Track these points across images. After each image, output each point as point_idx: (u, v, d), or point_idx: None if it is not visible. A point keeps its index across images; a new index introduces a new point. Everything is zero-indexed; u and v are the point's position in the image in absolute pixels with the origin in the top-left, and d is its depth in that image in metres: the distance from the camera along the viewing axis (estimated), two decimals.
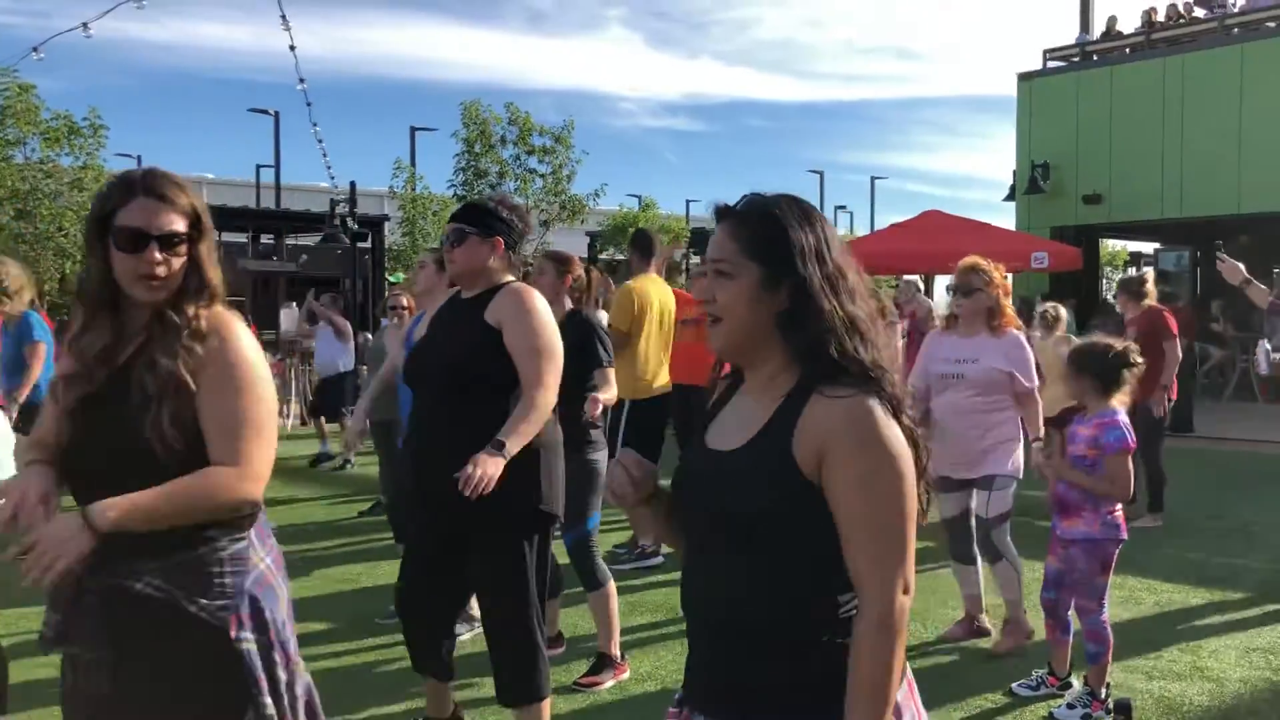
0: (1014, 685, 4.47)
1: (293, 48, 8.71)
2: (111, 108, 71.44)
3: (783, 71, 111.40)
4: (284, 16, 8.27)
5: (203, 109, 79.37)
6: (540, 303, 3.48)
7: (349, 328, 11.48)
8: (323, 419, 11.22)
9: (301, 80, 9.16)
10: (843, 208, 48.28)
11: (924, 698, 4.47)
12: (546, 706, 3.51)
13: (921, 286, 15.83)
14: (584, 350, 4.60)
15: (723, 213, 1.85)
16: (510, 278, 3.56)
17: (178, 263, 2.10)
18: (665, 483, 1.94)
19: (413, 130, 30.09)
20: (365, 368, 10.92)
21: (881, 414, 1.72)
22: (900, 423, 1.74)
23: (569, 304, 4.85)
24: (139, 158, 29.52)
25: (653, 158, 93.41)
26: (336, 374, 11.20)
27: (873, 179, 47.00)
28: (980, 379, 4.87)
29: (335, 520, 8.16)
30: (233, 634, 2.07)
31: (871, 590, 1.69)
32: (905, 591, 1.70)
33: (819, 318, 1.75)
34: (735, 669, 1.78)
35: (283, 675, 2.17)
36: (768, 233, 1.79)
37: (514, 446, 3.23)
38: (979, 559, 5.07)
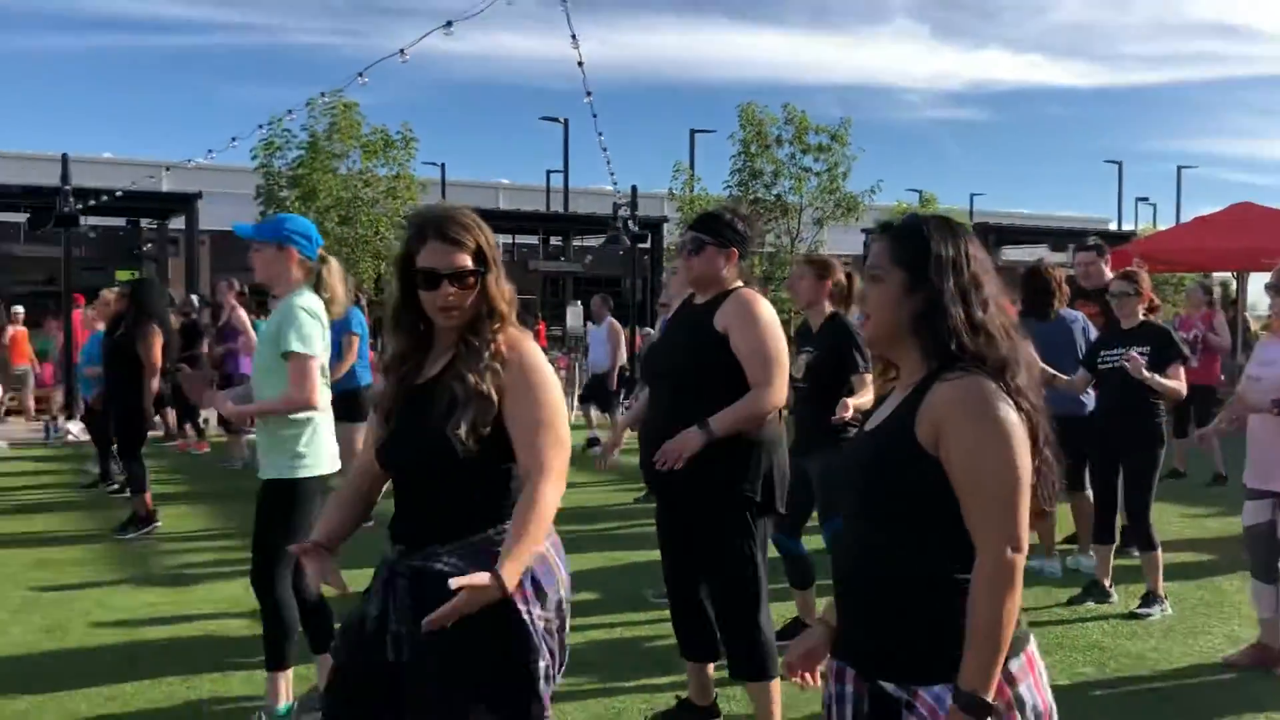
0: None
1: (580, 64, 9.22)
2: (419, 118, 77.36)
3: (1080, 56, 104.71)
4: (574, 36, 8.79)
5: (499, 117, 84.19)
6: (766, 308, 3.64)
7: (617, 326, 12.16)
8: (591, 408, 12.04)
9: (588, 93, 9.67)
10: (1144, 199, 44.81)
11: (1201, 712, 4.30)
12: (775, 687, 3.66)
13: (1228, 287, 14.69)
14: (841, 355, 4.71)
15: (883, 228, 2.12)
16: (740, 283, 3.76)
17: (469, 295, 2.43)
18: None
19: (692, 133, 30.81)
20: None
21: (993, 391, 1.92)
22: (1018, 405, 1.93)
23: (828, 308, 4.96)
24: (443, 165, 31.91)
25: (936, 151, 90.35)
26: (602, 371, 11.89)
27: (1179, 168, 43.38)
28: (1274, 383, 4.60)
29: (610, 504, 8.68)
30: (520, 606, 2.34)
31: (984, 547, 1.89)
32: (1016, 549, 1.88)
33: (944, 319, 1.97)
34: (865, 620, 2.02)
35: (555, 645, 2.44)
36: (913, 244, 2.04)
37: (718, 427, 3.47)
38: None
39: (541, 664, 2.37)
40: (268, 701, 4.03)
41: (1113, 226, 39.72)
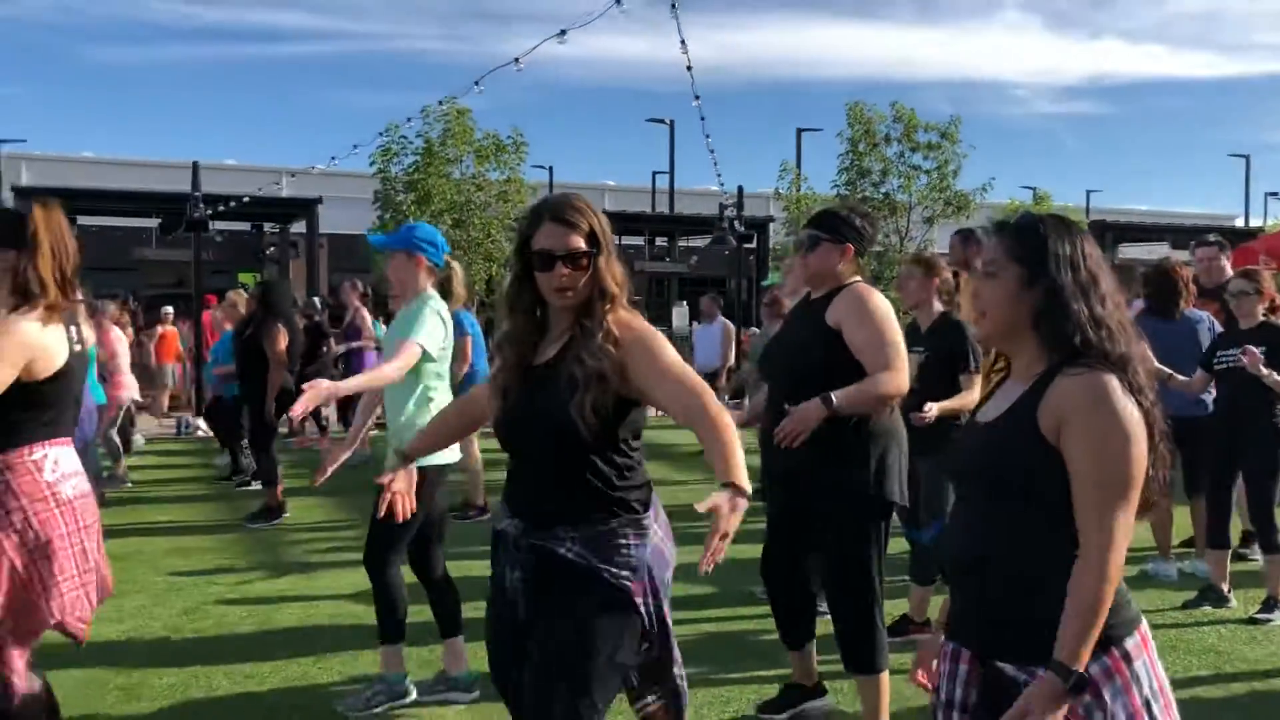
0: None
1: (689, 68, 9.30)
2: (527, 121, 78.47)
3: (1203, 46, 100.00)
4: (683, 41, 8.87)
5: (605, 119, 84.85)
6: (880, 301, 3.68)
7: (730, 326, 12.17)
8: None
9: (697, 97, 9.75)
10: (1275, 194, 42.99)
11: None
12: (884, 680, 3.72)
13: None
14: (954, 354, 4.72)
15: (998, 226, 2.18)
16: (856, 279, 3.81)
17: (582, 276, 2.52)
18: None
19: (799, 132, 30.68)
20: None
21: (1116, 387, 1.96)
22: (1139, 403, 1.98)
23: (939, 307, 4.96)
24: (550, 169, 32.38)
25: (1052, 146, 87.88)
26: (711, 370, 11.89)
27: None
28: None
29: None
30: (637, 600, 2.50)
31: (1093, 534, 1.95)
32: (1124, 539, 1.95)
33: (1066, 314, 2.02)
34: (982, 604, 2.09)
35: (669, 621, 2.61)
36: (1029, 241, 2.09)
37: (841, 400, 3.48)
38: None
39: (674, 651, 2.57)
40: (382, 672, 4.29)
41: (1239, 223, 38.22)
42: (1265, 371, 5.13)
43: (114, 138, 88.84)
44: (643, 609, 2.51)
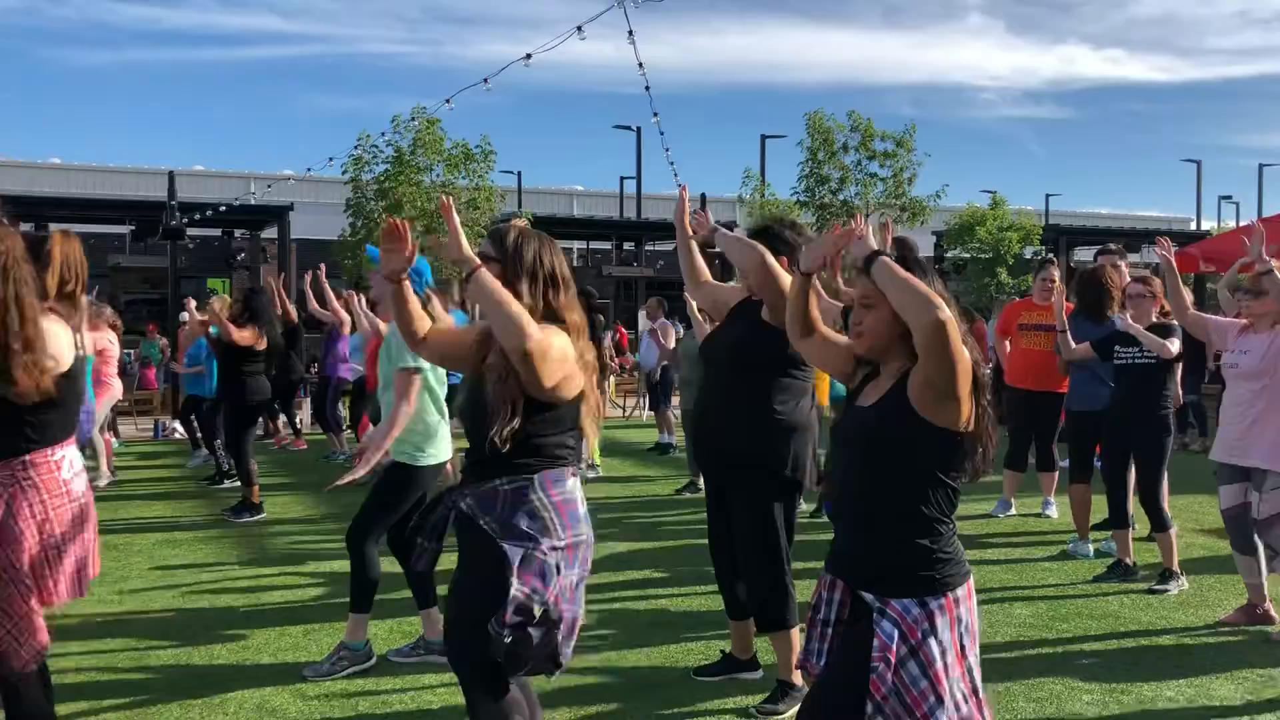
0: None
1: (648, 88, 9.72)
2: (494, 126, 78.80)
3: (1162, 50, 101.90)
4: (640, 64, 9.28)
5: (573, 124, 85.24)
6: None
7: (671, 330, 12.60)
8: (663, 411, 12.39)
9: (655, 114, 10.21)
10: (1227, 198, 44.16)
11: (1193, 668, 4.80)
12: (795, 635, 4.24)
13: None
14: None
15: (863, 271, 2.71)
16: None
17: None
18: None
19: (763, 138, 31.29)
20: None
21: None
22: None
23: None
24: (519, 173, 32.85)
25: (1014, 149, 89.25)
26: (658, 370, 12.42)
27: (1261, 166, 42.56)
28: (1248, 368, 5.14)
29: (670, 494, 9.33)
30: (502, 545, 2.87)
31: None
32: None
33: None
34: (854, 545, 2.67)
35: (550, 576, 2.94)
36: None
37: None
38: (1261, 549, 5.26)
39: (514, 580, 2.89)
40: (346, 639, 4.81)
41: (1193, 225, 39.25)
42: (1136, 327, 5.76)
43: (80, 144, 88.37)
44: (508, 550, 2.90)
